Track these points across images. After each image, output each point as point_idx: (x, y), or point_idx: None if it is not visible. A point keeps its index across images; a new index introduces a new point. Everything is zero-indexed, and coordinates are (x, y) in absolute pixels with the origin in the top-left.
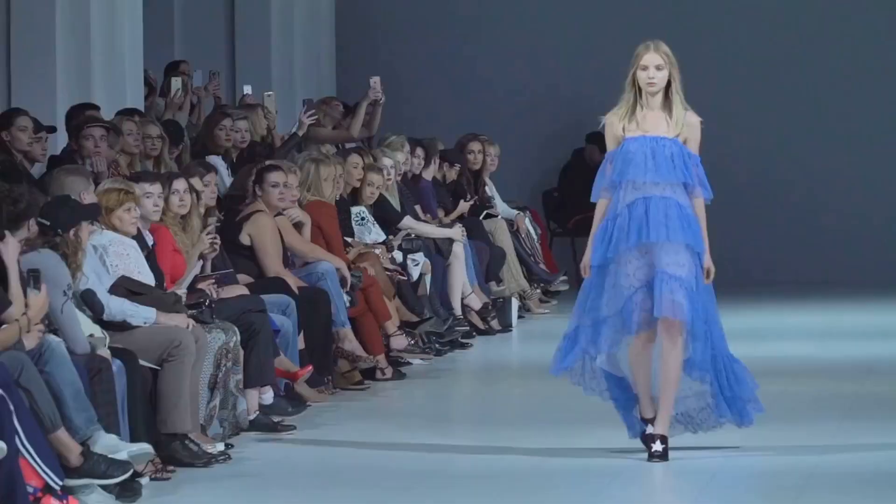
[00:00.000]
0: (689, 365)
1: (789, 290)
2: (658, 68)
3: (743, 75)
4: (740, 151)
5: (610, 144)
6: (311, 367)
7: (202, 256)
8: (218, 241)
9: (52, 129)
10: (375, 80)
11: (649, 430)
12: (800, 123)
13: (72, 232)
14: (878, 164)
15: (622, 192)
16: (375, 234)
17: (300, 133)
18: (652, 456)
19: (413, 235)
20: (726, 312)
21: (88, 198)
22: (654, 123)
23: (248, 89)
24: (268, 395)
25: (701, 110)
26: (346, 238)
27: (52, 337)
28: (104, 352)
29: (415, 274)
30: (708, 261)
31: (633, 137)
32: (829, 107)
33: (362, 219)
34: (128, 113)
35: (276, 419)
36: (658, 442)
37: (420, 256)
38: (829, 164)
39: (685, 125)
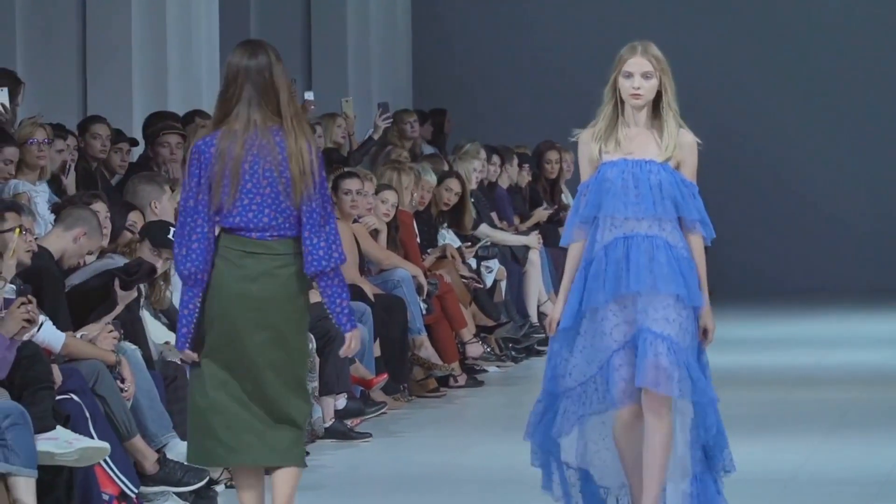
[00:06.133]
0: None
1: (858, 299)
2: (646, 76)
3: (782, 83)
4: (791, 165)
5: (584, 171)
6: (386, 375)
7: None
8: None
9: (135, 143)
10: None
11: None
12: (842, 134)
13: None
14: None
15: (599, 230)
16: (449, 240)
17: (376, 136)
18: None
19: (489, 243)
20: (794, 322)
21: (161, 206)
22: (639, 144)
23: (309, 95)
24: (341, 402)
25: (745, 120)
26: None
27: (127, 345)
28: (174, 359)
29: (489, 281)
30: (706, 317)
31: (611, 162)
32: (867, 112)
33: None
34: (200, 115)
35: (350, 424)
36: None
37: (494, 263)
38: (881, 171)
39: (678, 146)
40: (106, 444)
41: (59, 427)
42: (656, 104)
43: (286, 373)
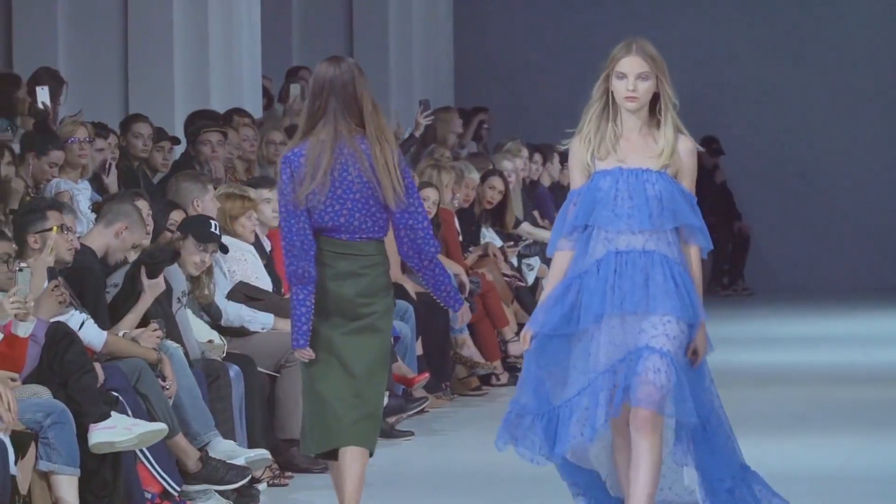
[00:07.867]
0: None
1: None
2: (642, 77)
3: (816, 85)
4: (828, 165)
5: (575, 179)
6: (427, 374)
7: None
8: None
9: (176, 141)
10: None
11: None
12: (880, 134)
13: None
14: None
15: (592, 242)
16: (489, 238)
17: (417, 134)
18: None
19: (531, 241)
20: (834, 320)
21: (203, 204)
22: (634, 150)
23: None
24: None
25: (785, 122)
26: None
27: (170, 343)
28: (216, 357)
29: (530, 278)
30: (700, 338)
31: (605, 170)
32: None
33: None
34: (240, 113)
35: (391, 422)
36: None
37: (535, 261)
38: None
39: (676, 153)
40: (164, 426)
41: (113, 414)
42: (653, 107)
43: (369, 364)
